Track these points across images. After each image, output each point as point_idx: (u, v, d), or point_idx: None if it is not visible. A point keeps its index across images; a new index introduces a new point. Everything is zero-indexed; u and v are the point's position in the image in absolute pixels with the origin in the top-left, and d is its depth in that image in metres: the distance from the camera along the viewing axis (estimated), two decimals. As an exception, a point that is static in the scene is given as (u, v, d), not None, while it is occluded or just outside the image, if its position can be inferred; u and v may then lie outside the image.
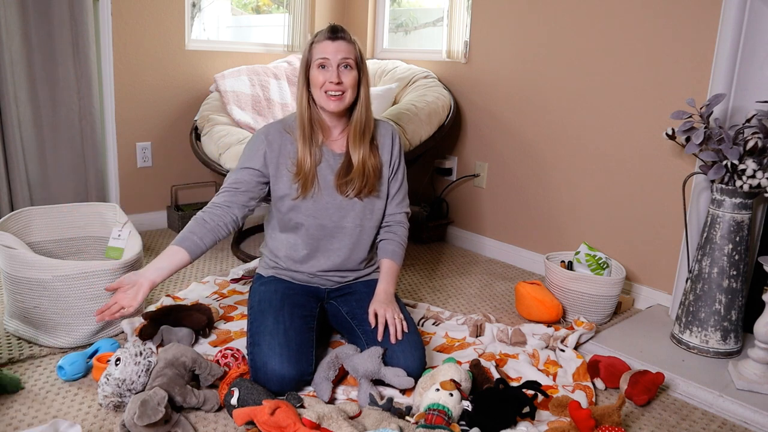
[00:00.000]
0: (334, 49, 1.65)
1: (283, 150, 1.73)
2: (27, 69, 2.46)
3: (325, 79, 1.66)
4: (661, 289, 2.31)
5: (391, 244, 1.86)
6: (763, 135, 1.78)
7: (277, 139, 1.74)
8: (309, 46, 1.69)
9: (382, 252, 1.86)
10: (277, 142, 1.74)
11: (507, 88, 2.75)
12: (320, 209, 1.76)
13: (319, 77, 1.66)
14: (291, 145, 1.74)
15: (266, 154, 1.72)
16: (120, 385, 1.45)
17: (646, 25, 2.22)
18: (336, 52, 1.65)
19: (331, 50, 1.65)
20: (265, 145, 1.73)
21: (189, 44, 3.00)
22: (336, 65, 1.65)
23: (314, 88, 1.68)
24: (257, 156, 1.73)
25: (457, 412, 1.44)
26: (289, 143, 1.74)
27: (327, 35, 1.67)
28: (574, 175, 2.54)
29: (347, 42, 1.68)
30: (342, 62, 1.65)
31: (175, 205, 3.10)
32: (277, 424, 1.30)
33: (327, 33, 1.67)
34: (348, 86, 1.67)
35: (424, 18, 3.41)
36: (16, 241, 1.85)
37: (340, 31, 1.68)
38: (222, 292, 2.24)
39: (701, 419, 1.63)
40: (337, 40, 1.66)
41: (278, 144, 1.73)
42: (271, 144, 1.73)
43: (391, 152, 1.84)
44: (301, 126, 1.72)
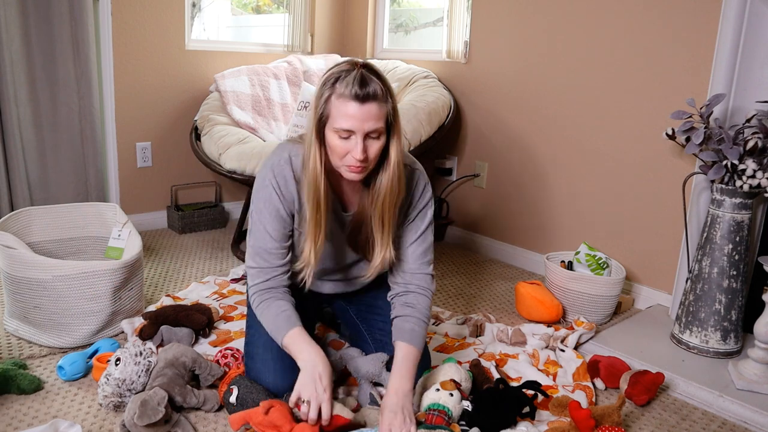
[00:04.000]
0: (363, 117, 1.28)
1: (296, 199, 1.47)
2: (27, 69, 2.46)
3: (346, 151, 1.32)
4: (661, 289, 2.31)
5: (409, 321, 1.48)
6: (763, 135, 1.78)
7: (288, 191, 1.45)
8: (328, 98, 1.30)
9: (398, 332, 1.49)
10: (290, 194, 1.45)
11: (507, 88, 2.75)
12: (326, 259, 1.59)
13: (340, 146, 1.32)
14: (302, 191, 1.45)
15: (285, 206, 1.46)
16: (120, 385, 1.45)
17: (647, 25, 2.22)
18: (364, 120, 1.28)
19: (359, 118, 1.28)
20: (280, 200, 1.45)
21: (189, 44, 3.00)
22: (362, 136, 1.30)
23: (331, 152, 1.35)
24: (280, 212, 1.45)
25: (457, 412, 1.44)
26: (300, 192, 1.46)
27: (354, 93, 1.27)
28: (574, 175, 2.54)
29: (379, 103, 1.29)
30: (370, 133, 1.31)
31: (175, 205, 3.10)
32: (272, 424, 1.30)
33: (354, 89, 1.27)
34: (372, 159, 1.34)
35: (424, 18, 3.41)
36: (16, 241, 1.85)
37: (371, 82, 1.28)
38: (222, 292, 2.24)
39: (701, 419, 1.63)
40: (368, 102, 1.28)
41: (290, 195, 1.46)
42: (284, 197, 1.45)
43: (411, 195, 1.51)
44: (314, 193, 1.38)
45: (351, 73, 1.30)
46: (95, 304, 1.76)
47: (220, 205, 3.19)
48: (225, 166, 2.51)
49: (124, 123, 2.86)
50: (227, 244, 2.88)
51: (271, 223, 1.45)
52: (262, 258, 1.47)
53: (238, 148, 2.50)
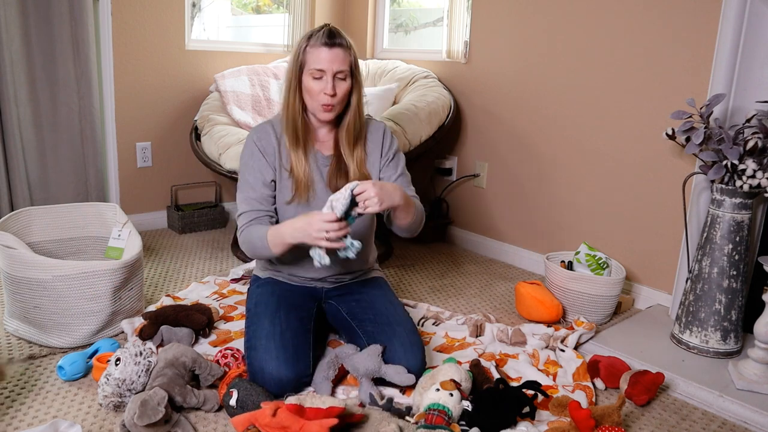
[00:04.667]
0: (331, 59, 1.60)
1: (276, 154, 1.72)
2: (27, 69, 2.46)
3: (320, 90, 1.62)
4: (661, 289, 2.31)
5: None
6: (763, 135, 1.78)
7: (269, 144, 1.72)
8: (303, 49, 1.63)
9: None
10: (270, 147, 1.71)
11: (507, 88, 2.75)
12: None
13: (314, 87, 1.62)
14: (283, 147, 1.72)
15: (267, 160, 1.71)
16: (120, 385, 1.45)
17: (647, 25, 2.22)
18: (332, 62, 1.60)
19: (327, 60, 1.60)
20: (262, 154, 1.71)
21: (189, 44, 3.00)
22: (332, 75, 1.61)
23: (307, 94, 1.65)
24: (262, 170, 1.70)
25: (457, 412, 1.44)
26: (279, 145, 1.72)
27: (323, 40, 1.60)
28: (574, 174, 2.54)
29: (344, 49, 1.62)
30: (338, 74, 1.62)
31: (175, 205, 3.10)
32: (280, 425, 1.30)
33: (323, 38, 1.61)
34: (340, 97, 1.64)
35: (424, 18, 3.41)
36: (16, 241, 1.85)
37: (337, 36, 1.62)
38: (222, 292, 2.25)
39: (701, 419, 1.63)
40: (334, 47, 1.60)
41: (272, 149, 1.72)
42: (266, 150, 1.71)
43: (381, 149, 1.79)
44: (293, 131, 1.69)
45: (321, 29, 1.63)
46: (95, 304, 1.76)
47: (220, 205, 3.19)
48: (225, 166, 2.51)
49: (124, 123, 2.86)
50: (227, 244, 2.88)
51: (254, 174, 1.70)
52: (248, 204, 1.71)
53: (238, 148, 2.50)
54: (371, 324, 1.71)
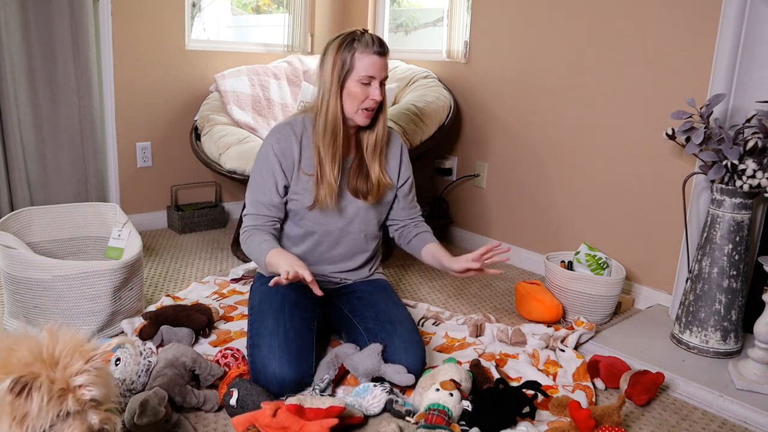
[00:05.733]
0: (381, 66, 1.63)
1: (296, 157, 1.71)
2: (27, 69, 2.46)
3: (367, 96, 1.64)
4: (661, 289, 2.31)
5: (428, 232, 1.89)
6: (763, 135, 1.78)
7: (288, 147, 1.71)
8: (351, 54, 1.62)
9: (424, 238, 1.86)
10: (289, 151, 1.71)
11: (507, 88, 2.75)
12: (328, 216, 1.77)
13: (360, 92, 1.63)
14: (305, 150, 1.71)
15: (282, 166, 1.70)
16: (120, 385, 1.45)
17: (647, 25, 2.22)
18: (382, 69, 1.63)
19: (379, 67, 1.62)
20: (279, 159, 1.70)
21: (189, 44, 3.00)
22: (378, 82, 1.64)
23: (350, 99, 1.65)
24: (275, 174, 1.70)
25: (457, 412, 1.44)
26: (301, 148, 1.71)
27: (376, 49, 1.62)
28: (574, 174, 2.54)
29: (388, 58, 1.66)
30: (383, 80, 1.65)
31: (175, 205, 3.10)
32: (280, 425, 1.30)
33: (376, 47, 1.62)
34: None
35: (424, 18, 3.41)
36: (16, 241, 1.85)
37: (384, 44, 1.65)
38: (222, 292, 2.24)
39: (701, 419, 1.63)
40: (384, 56, 1.64)
41: (290, 153, 1.71)
42: (284, 154, 1.70)
43: (399, 163, 1.84)
44: (332, 137, 1.68)
45: (364, 35, 1.64)
46: (95, 304, 1.76)
47: (220, 205, 3.19)
48: (225, 166, 2.51)
49: (124, 123, 2.86)
50: (227, 244, 2.88)
51: (266, 178, 1.70)
52: (255, 207, 1.72)
53: (238, 148, 2.50)
54: (372, 321, 1.71)
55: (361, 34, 1.64)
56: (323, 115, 1.67)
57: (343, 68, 1.63)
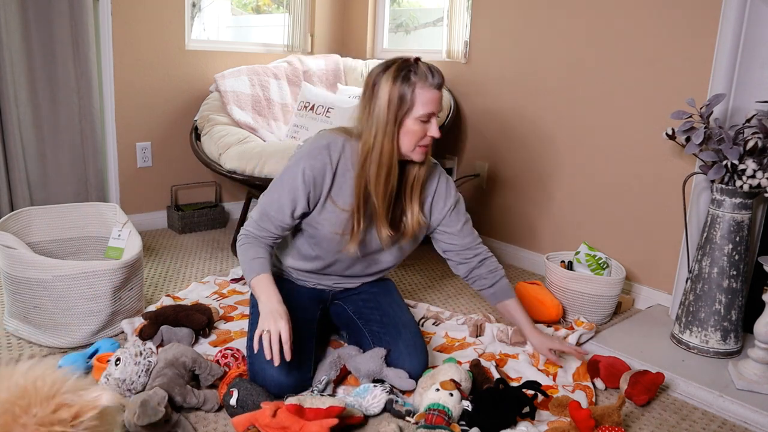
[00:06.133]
0: (439, 101, 1.53)
1: (326, 187, 1.59)
2: (27, 69, 2.46)
3: (424, 133, 1.53)
4: (661, 289, 2.31)
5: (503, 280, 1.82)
6: (763, 135, 1.78)
7: (321, 176, 1.57)
8: (411, 90, 1.48)
9: (503, 292, 1.81)
10: (321, 179, 1.57)
11: (507, 88, 2.75)
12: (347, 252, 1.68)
13: (419, 129, 1.52)
14: (338, 178, 1.59)
15: (309, 195, 1.58)
16: (120, 385, 1.45)
17: (647, 25, 2.22)
18: (439, 103, 1.53)
19: (438, 102, 1.52)
20: (306, 186, 1.56)
21: (189, 44, 3.00)
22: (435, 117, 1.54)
23: (408, 137, 1.52)
24: (297, 200, 1.57)
25: (457, 412, 1.44)
26: (334, 177, 1.58)
27: (437, 82, 1.51)
28: (574, 174, 2.54)
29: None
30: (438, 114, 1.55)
31: (175, 205, 3.10)
32: (280, 425, 1.30)
33: (436, 79, 1.51)
34: None
35: (424, 18, 3.41)
36: (16, 241, 1.85)
37: (442, 74, 1.54)
38: (222, 292, 2.24)
39: (701, 419, 1.63)
40: (441, 89, 1.53)
41: (321, 182, 1.58)
42: (314, 183, 1.57)
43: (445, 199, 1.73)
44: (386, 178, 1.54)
45: (419, 66, 1.52)
46: (95, 304, 1.76)
47: (220, 205, 3.19)
48: (225, 166, 2.51)
49: (124, 123, 2.86)
50: (227, 244, 2.88)
51: (287, 199, 1.58)
52: (263, 220, 1.60)
53: (238, 148, 2.50)
54: (377, 325, 1.70)
55: (415, 63, 1.52)
56: (377, 154, 1.52)
57: (401, 105, 1.49)
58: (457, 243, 1.77)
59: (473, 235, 1.80)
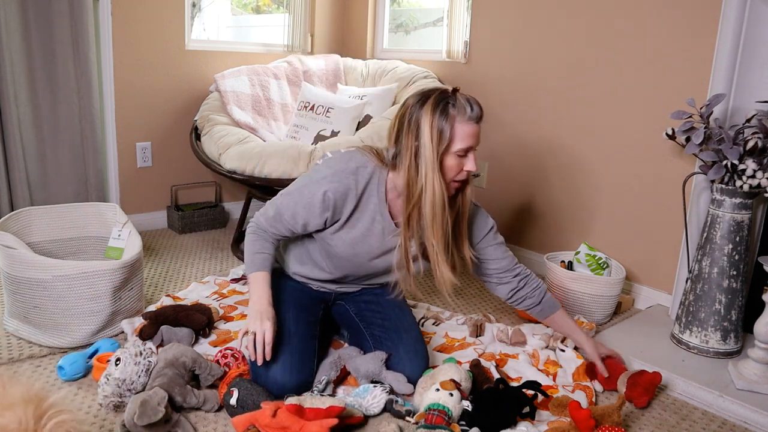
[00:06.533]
0: (477, 134, 1.47)
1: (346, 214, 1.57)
2: (27, 69, 2.46)
3: (461, 168, 1.48)
4: (661, 289, 2.31)
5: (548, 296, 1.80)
6: (763, 135, 1.78)
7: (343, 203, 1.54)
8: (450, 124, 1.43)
9: (551, 306, 1.79)
10: (341, 203, 1.54)
11: (507, 88, 2.75)
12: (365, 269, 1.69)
13: (456, 165, 1.47)
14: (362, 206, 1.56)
15: (326, 217, 1.55)
16: (120, 385, 1.45)
17: (647, 25, 2.22)
18: (477, 137, 1.47)
19: (476, 136, 1.46)
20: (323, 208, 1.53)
21: (189, 44, 3.00)
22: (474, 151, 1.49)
23: (445, 172, 1.48)
24: (311, 218, 1.55)
25: (457, 412, 1.44)
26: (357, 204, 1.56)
27: (476, 115, 1.46)
28: (574, 174, 2.54)
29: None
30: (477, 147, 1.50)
31: (175, 205, 3.10)
32: (280, 425, 1.30)
33: (476, 112, 1.45)
34: None
35: (424, 18, 3.41)
36: (16, 241, 1.85)
37: (481, 106, 1.48)
38: (222, 292, 2.24)
39: (701, 419, 1.63)
40: (480, 122, 1.47)
41: (342, 207, 1.55)
42: (335, 207, 1.54)
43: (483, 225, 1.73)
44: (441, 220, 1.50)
45: (458, 98, 1.46)
46: (95, 304, 1.76)
47: (220, 205, 3.19)
48: (225, 166, 2.51)
49: (124, 123, 2.86)
50: (227, 244, 2.88)
51: (301, 213, 1.56)
52: (275, 219, 1.59)
53: (238, 148, 2.50)
54: (379, 329, 1.70)
55: (453, 95, 1.46)
56: (430, 197, 1.46)
57: (441, 141, 1.43)
58: (496, 267, 1.77)
59: (509, 255, 1.78)
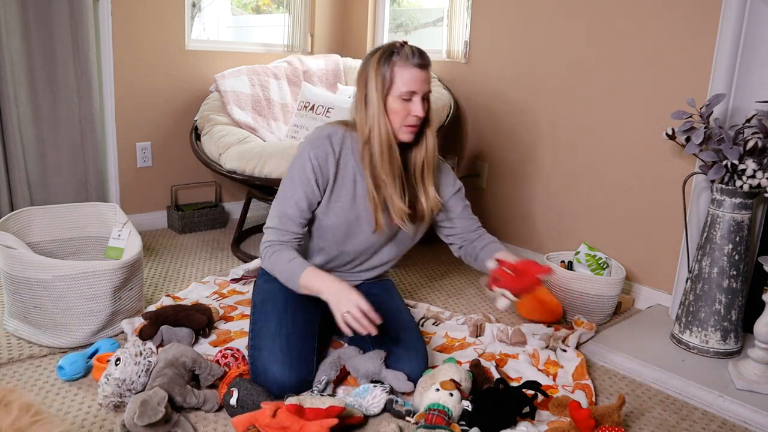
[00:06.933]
0: (423, 80, 1.54)
1: (331, 176, 1.62)
2: (27, 69, 2.46)
3: (407, 112, 1.55)
4: (661, 289, 2.31)
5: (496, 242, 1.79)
6: (763, 135, 1.78)
7: (326, 164, 1.60)
8: (391, 69, 1.53)
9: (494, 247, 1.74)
10: (327, 166, 1.60)
11: (507, 88, 2.75)
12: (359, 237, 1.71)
13: (401, 108, 1.54)
14: (341, 170, 1.62)
15: (318, 182, 1.61)
16: (120, 385, 1.45)
17: (647, 25, 2.22)
18: (423, 82, 1.54)
19: (420, 81, 1.53)
20: (315, 173, 1.59)
21: (189, 44, 3.00)
22: (420, 96, 1.55)
23: (393, 116, 1.56)
24: (311, 189, 1.60)
25: (457, 412, 1.44)
26: (337, 167, 1.61)
27: (417, 62, 1.52)
28: (574, 175, 2.54)
29: (430, 70, 1.56)
30: (425, 94, 1.56)
31: (175, 205, 3.10)
32: (280, 425, 1.30)
33: (416, 59, 1.53)
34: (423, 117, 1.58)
35: (424, 18, 3.41)
36: (16, 241, 1.85)
37: (425, 56, 1.54)
38: (222, 292, 2.24)
39: (701, 419, 1.63)
40: (425, 69, 1.54)
41: (327, 169, 1.61)
42: (321, 170, 1.60)
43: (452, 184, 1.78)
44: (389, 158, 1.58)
45: (404, 47, 1.55)
46: (95, 304, 1.76)
47: (220, 205, 3.19)
48: (225, 166, 2.51)
49: (124, 123, 2.86)
50: (227, 244, 2.88)
51: (299, 192, 1.60)
52: (283, 222, 1.61)
53: (238, 148, 2.50)
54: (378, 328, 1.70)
55: (400, 46, 1.55)
56: (377, 135, 1.56)
57: (384, 84, 1.54)
58: (460, 227, 1.81)
59: (474, 219, 1.84)
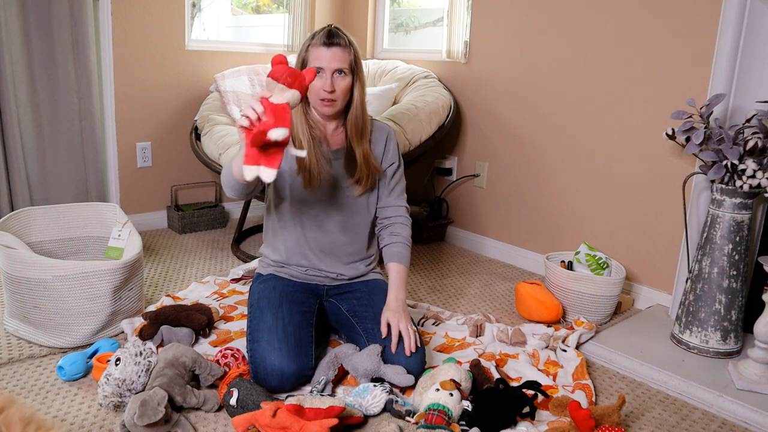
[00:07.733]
0: (329, 57, 1.65)
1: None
2: (27, 69, 2.46)
3: (320, 86, 1.66)
4: (661, 289, 2.31)
5: (396, 246, 1.84)
6: (763, 135, 1.78)
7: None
8: (306, 47, 1.70)
9: (389, 256, 1.84)
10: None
11: (507, 88, 2.75)
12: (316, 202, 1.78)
13: (315, 83, 1.67)
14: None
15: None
16: (120, 385, 1.45)
17: (647, 25, 2.22)
18: (330, 60, 1.65)
19: (326, 58, 1.65)
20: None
21: (189, 44, 3.00)
22: (330, 73, 1.65)
23: (311, 92, 1.69)
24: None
25: (457, 412, 1.44)
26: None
27: (323, 40, 1.67)
28: (574, 174, 2.54)
29: (342, 48, 1.67)
30: (336, 70, 1.66)
31: (175, 205, 3.10)
32: (280, 425, 1.30)
33: (323, 38, 1.67)
34: (340, 94, 1.68)
35: (424, 18, 3.41)
36: (16, 241, 1.85)
37: (336, 36, 1.67)
38: (222, 292, 2.25)
39: (701, 419, 1.63)
40: (333, 47, 1.66)
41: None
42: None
43: (384, 149, 1.85)
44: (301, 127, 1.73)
45: (323, 29, 1.70)
46: (95, 304, 1.76)
47: (220, 205, 3.19)
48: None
49: (124, 123, 2.86)
50: (227, 244, 2.88)
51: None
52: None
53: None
54: (371, 322, 1.71)
55: (321, 29, 1.69)
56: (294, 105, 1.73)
57: (299, 62, 1.71)
58: (383, 200, 1.87)
59: (401, 199, 1.90)
